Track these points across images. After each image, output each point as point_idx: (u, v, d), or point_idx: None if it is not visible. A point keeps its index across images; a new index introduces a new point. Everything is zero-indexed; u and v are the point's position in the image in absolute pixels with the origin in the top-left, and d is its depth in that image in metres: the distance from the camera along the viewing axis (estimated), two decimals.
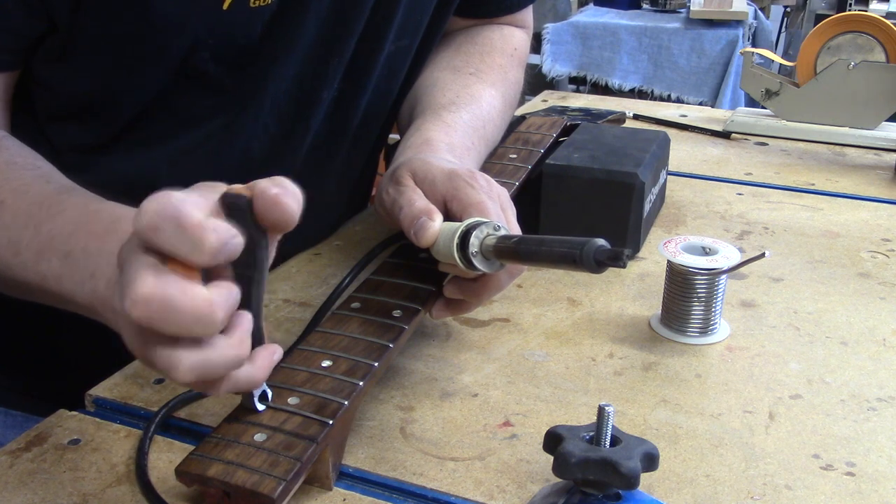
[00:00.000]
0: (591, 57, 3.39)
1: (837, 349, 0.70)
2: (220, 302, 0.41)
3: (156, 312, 0.40)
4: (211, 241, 0.40)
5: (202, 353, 0.42)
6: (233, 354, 0.43)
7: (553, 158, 0.83)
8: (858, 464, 0.56)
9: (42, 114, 0.70)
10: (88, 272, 0.50)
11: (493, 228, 0.57)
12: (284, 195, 0.43)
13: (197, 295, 0.40)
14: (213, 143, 0.73)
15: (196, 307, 0.40)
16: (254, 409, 0.51)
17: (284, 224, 0.44)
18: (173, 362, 0.41)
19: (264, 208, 0.43)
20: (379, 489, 0.53)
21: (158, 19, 0.62)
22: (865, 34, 1.25)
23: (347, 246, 0.86)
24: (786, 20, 4.44)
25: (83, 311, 0.52)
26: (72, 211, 0.54)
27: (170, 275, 0.40)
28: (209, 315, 0.40)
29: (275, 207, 0.43)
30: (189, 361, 0.41)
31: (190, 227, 0.39)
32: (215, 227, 0.40)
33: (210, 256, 0.40)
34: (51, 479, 0.53)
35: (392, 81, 0.84)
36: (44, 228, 0.53)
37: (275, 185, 0.43)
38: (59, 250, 0.52)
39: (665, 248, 0.69)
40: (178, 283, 0.40)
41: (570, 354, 0.68)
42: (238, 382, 0.45)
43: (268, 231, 0.45)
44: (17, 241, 0.54)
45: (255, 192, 0.43)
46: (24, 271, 0.53)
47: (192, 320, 0.40)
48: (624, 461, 0.45)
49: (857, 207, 1.00)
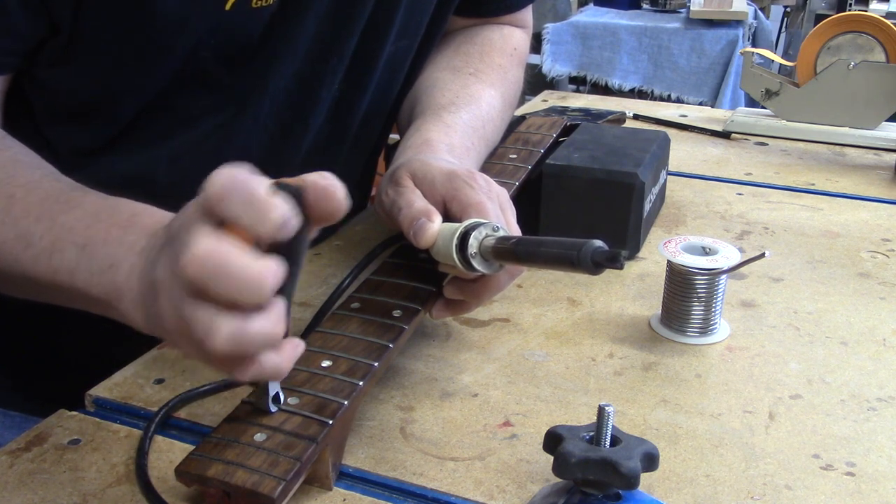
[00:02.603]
0: (591, 57, 3.39)
1: (837, 349, 0.70)
2: (273, 273, 0.42)
3: (212, 270, 0.41)
4: (277, 214, 0.41)
5: (242, 323, 0.42)
6: (269, 330, 0.43)
7: (553, 158, 0.83)
8: (858, 464, 0.56)
9: (41, 116, 0.70)
10: (107, 262, 0.50)
11: (491, 229, 0.57)
12: (336, 188, 0.45)
13: (252, 261, 0.41)
14: (213, 142, 0.73)
15: (251, 272, 0.41)
16: (266, 409, 0.50)
17: (332, 216, 0.45)
18: (213, 327, 0.42)
19: (316, 199, 0.44)
20: (379, 489, 0.53)
21: (161, 20, 0.62)
22: (865, 34, 1.25)
23: (347, 246, 0.86)
24: (786, 20, 4.44)
25: (93, 306, 0.52)
26: (89, 204, 0.54)
27: (227, 239, 0.42)
28: (261, 283, 0.41)
29: (326, 199, 0.44)
30: (228, 328, 0.42)
31: (259, 198, 0.41)
32: (279, 205, 0.41)
33: (273, 228, 0.41)
34: (51, 479, 0.53)
35: (392, 81, 0.84)
36: (59, 220, 0.53)
37: (324, 178, 0.45)
38: (76, 242, 0.52)
39: (665, 248, 0.69)
40: (235, 249, 0.41)
41: (570, 354, 0.68)
42: (264, 368, 0.45)
43: (311, 224, 0.45)
44: (28, 235, 0.54)
45: (306, 183, 0.44)
46: (35, 265, 0.53)
47: (246, 284, 0.41)
48: (624, 461, 0.45)
49: (857, 207, 1.00)
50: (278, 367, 0.46)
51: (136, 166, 0.72)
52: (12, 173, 0.57)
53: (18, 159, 0.60)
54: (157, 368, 0.65)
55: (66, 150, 0.71)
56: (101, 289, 0.50)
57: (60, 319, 0.63)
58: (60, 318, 0.59)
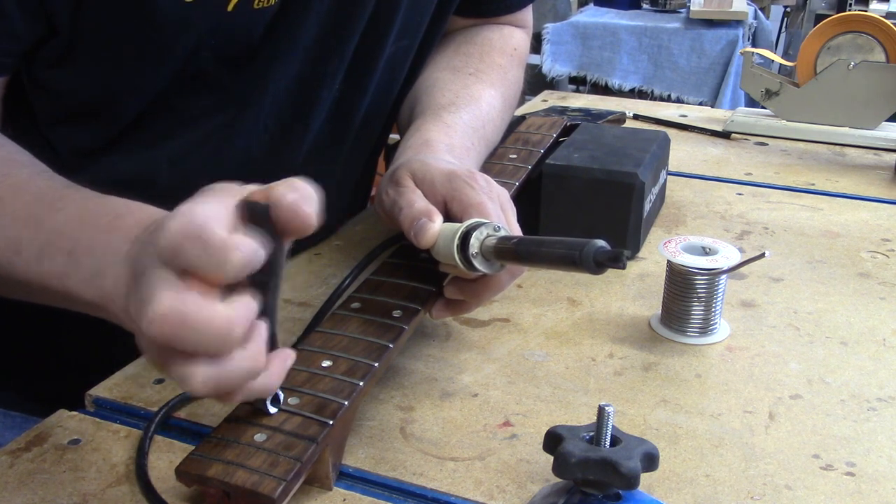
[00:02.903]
0: (591, 57, 3.39)
1: (837, 349, 0.70)
2: (239, 319, 0.41)
3: (174, 331, 0.40)
4: (236, 259, 0.40)
5: (218, 366, 0.41)
6: (249, 366, 0.43)
7: (553, 158, 0.83)
8: (858, 464, 0.56)
9: (42, 117, 0.70)
10: (93, 270, 0.50)
11: (492, 229, 0.57)
12: (303, 202, 0.43)
13: (216, 313, 0.40)
14: (213, 142, 0.73)
15: (214, 326, 0.40)
16: (266, 412, 0.50)
17: (303, 230, 0.44)
18: (189, 376, 0.41)
19: (283, 216, 0.43)
20: (379, 489, 0.53)
21: (162, 20, 0.62)
22: (865, 34, 1.25)
23: (347, 246, 0.86)
24: (786, 20, 4.44)
25: (88, 309, 0.52)
26: (72, 207, 0.54)
27: (188, 291, 0.40)
28: (228, 333, 0.40)
29: (294, 215, 0.43)
30: (205, 375, 0.41)
31: (215, 246, 0.39)
32: (239, 245, 0.40)
33: (235, 273, 0.40)
34: (51, 479, 0.53)
35: (392, 82, 0.84)
36: (45, 226, 0.53)
37: (292, 191, 0.43)
38: (63, 247, 0.51)
39: (665, 248, 0.69)
40: (197, 301, 0.40)
41: (570, 354, 0.68)
42: (252, 391, 0.45)
43: (284, 236, 0.44)
44: (17, 240, 0.53)
45: (272, 199, 0.43)
46: (27, 271, 0.53)
47: (211, 338, 0.40)
48: (624, 461, 0.45)
49: (857, 207, 1.00)
50: (266, 386, 0.45)
51: (136, 167, 0.72)
52: (3, 174, 0.57)
53: (11, 158, 0.59)
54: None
55: (66, 150, 0.71)
56: (92, 294, 0.50)
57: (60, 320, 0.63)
58: (60, 318, 0.59)
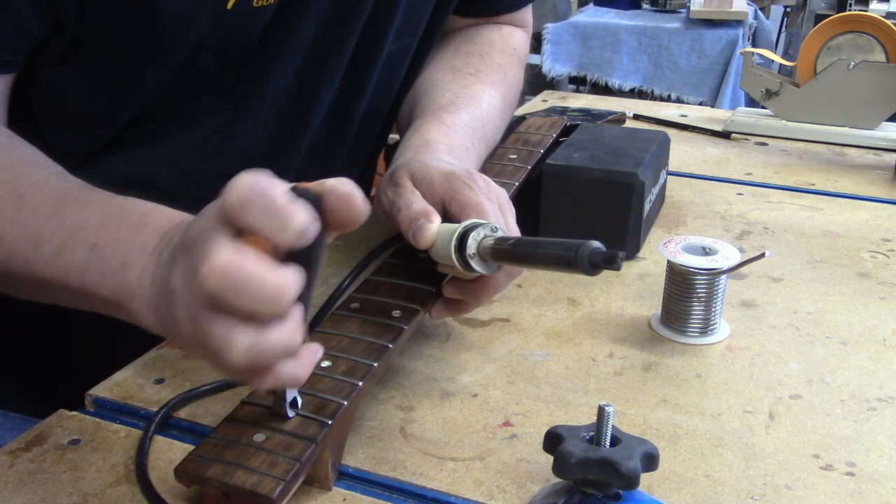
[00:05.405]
0: (591, 57, 3.39)
1: (837, 349, 0.70)
2: (292, 283, 0.41)
3: (232, 283, 0.40)
4: (297, 222, 0.40)
5: (260, 335, 0.42)
6: (287, 340, 0.43)
7: (553, 158, 0.83)
8: (858, 464, 0.56)
9: (42, 117, 0.70)
10: (118, 262, 0.50)
11: (490, 230, 0.57)
12: (355, 195, 0.44)
13: (272, 273, 0.40)
14: (213, 142, 0.73)
15: (271, 284, 0.40)
16: (284, 415, 0.50)
17: (351, 222, 0.45)
18: (230, 341, 0.41)
19: (335, 205, 0.44)
20: (379, 489, 0.53)
21: (164, 18, 0.62)
22: (865, 34, 1.25)
23: (347, 246, 0.86)
24: (786, 20, 4.45)
25: (103, 307, 0.52)
26: (98, 203, 0.54)
27: (248, 249, 0.41)
28: (281, 294, 0.41)
29: (347, 206, 0.44)
30: (246, 342, 0.41)
31: (279, 206, 0.40)
32: (299, 211, 0.41)
33: (293, 237, 0.41)
34: (51, 479, 0.53)
35: (392, 81, 0.84)
36: (69, 220, 0.53)
37: (343, 184, 0.44)
38: (86, 241, 0.51)
39: (665, 248, 0.69)
40: (255, 259, 0.40)
41: (570, 354, 0.68)
42: (282, 377, 0.45)
43: (329, 230, 0.45)
44: (38, 234, 0.53)
45: (325, 189, 0.44)
46: (45, 266, 0.53)
47: (265, 296, 0.40)
48: (624, 461, 0.45)
49: (857, 207, 1.00)
50: (295, 374, 0.45)
51: (136, 166, 0.72)
52: (21, 173, 0.57)
53: (27, 159, 0.59)
54: (157, 368, 0.65)
55: (66, 151, 0.70)
56: (112, 289, 0.50)
57: (60, 320, 0.63)
58: (60, 318, 0.59)
